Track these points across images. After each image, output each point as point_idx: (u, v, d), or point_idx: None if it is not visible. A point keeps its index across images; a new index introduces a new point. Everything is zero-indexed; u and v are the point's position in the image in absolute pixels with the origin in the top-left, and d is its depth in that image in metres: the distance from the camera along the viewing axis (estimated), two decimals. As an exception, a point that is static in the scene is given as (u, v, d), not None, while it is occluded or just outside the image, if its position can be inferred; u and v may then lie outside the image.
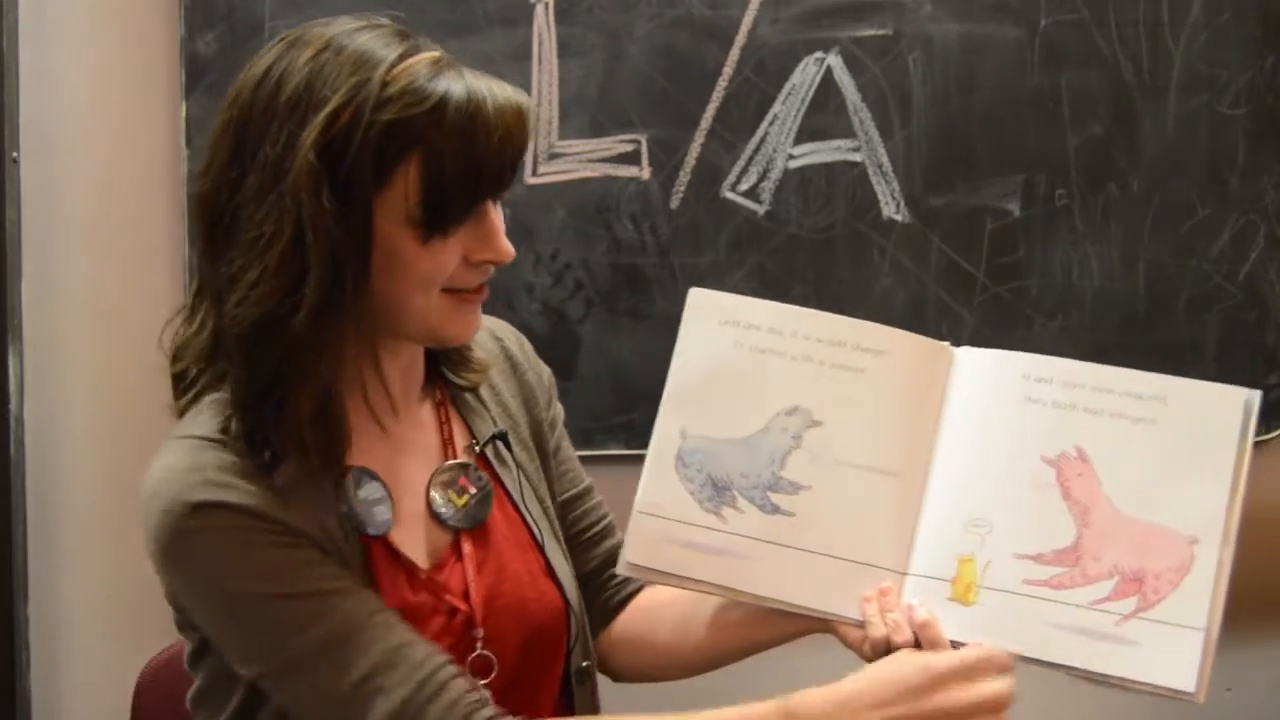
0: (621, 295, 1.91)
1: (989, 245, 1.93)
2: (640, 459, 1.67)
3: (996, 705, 1.08)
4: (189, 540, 1.07)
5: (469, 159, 1.05)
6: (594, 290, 1.91)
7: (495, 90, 1.07)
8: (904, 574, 1.17)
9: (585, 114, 1.89)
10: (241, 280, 1.05)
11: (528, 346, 1.37)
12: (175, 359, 1.15)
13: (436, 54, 1.09)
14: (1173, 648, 1.10)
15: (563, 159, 1.90)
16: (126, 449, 1.90)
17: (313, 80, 1.05)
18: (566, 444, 1.38)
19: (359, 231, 1.05)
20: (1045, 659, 1.13)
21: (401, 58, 1.06)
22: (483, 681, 1.15)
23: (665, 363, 1.92)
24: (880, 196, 1.92)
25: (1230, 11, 1.92)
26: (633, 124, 1.89)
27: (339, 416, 1.11)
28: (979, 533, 1.17)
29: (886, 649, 1.13)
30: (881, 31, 1.90)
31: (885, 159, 1.91)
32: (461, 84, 1.06)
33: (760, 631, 1.23)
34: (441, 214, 1.07)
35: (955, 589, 1.16)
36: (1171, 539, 1.13)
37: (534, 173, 1.89)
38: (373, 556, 1.14)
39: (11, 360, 1.86)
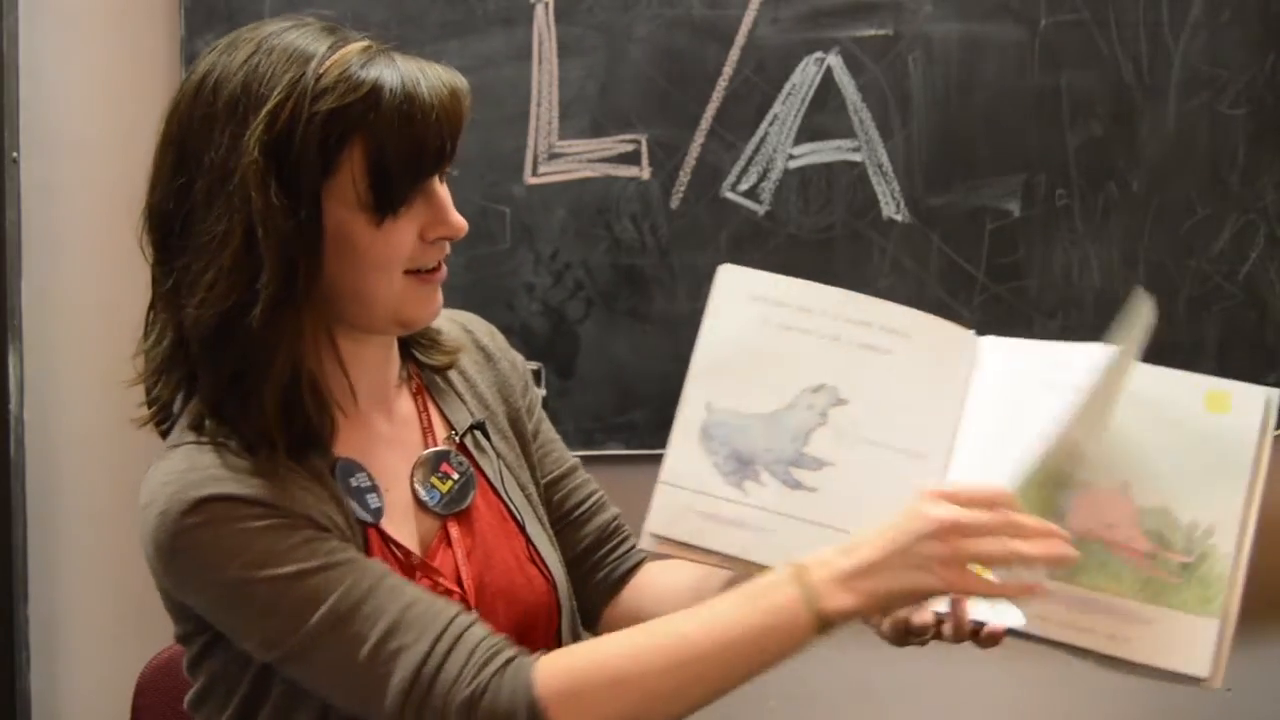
0: (621, 295, 1.91)
1: (989, 245, 1.93)
2: (640, 459, 1.68)
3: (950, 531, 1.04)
4: (190, 535, 1.07)
5: (409, 139, 1.08)
6: (594, 290, 1.91)
7: (427, 72, 1.11)
8: None
9: (585, 114, 1.89)
10: (199, 283, 1.08)
11: (499, 337, 1.38)
12: (145, 374, 1.16)
13: (365, 43, 1.11)
14: (1188, 629, 1.13)
15: (563, 159, 1.90)
16: (126, 449, 1.90)
17: (249, 81, 1.08)
18: (547, 426, 1.39)
19: (309, 223, 1.08)
20: (1053, 639, 1.14)
21: (332, 49, 1.09)
22: None
23: (665, 363, 1.93)
24: (880, 196, 1.92)
25: (1230, 11, 1.92)
26: (633, 124, 1.90)
27: (313, 407, 1.13)
28: None
29: (905, 627, 1.15)
30: (881, 31, 1.90)
31: (885, 159, 1.91)
32: (393, 69, 1.09)
33: None
34: (389, 195, 1.10)
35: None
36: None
37: (534, 173, 1.89)
38: (369, 544, 1.15)
39: (11, 360, 1.86)
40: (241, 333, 1.07)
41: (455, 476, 1.23)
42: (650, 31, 1.89)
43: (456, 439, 1.27)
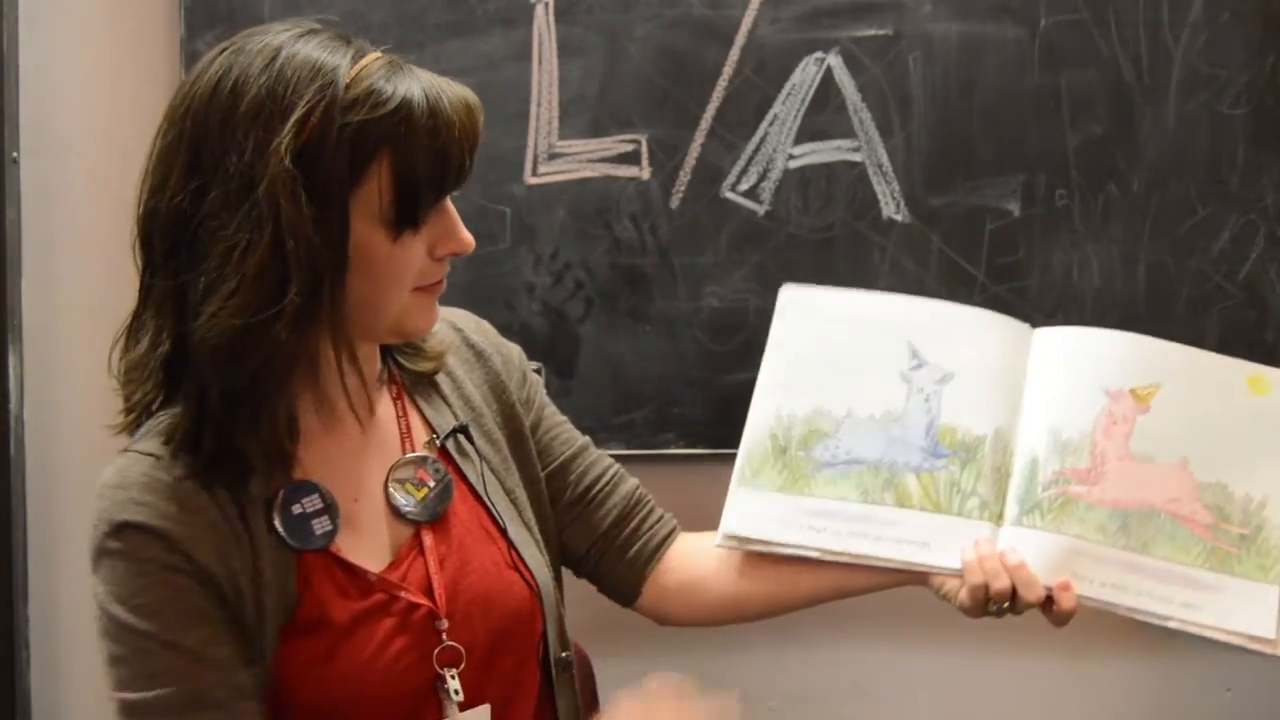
0: (621, 295, 1.91)
1: (989, 245, 1.92)
2: (641, 459, 1.67)
3: None
4: (106, 559, 1.11)
5: (436, 154, 1.09)
6: (594, 290, 1.91)
7: (444, 87, 1.11)
8: (998, 524, 1.26)
9: (585, 114, 1.89)
10: (217, 291, 1.06)
11: (490, 330, 1.37)
12: (126, 381, 1.16)
13: (386, 56, 1.11)
14: (1252, 595, 1.22)
15: (563, 159, 1.90)
16: (126, 449, 1.90)
17: (274, 87, 1.06)
18: (551, 411, 1.38)
19: (337, 235, 1.07)
20: (1134, 606, 1.23)
21: (353, 60, 1.09)
22: (452, 672, 1.17)
23: (665, 363, 1.92)
24: (880, 196, 1.92)
25: (1230, 11, 1.92)
26: (633, 124, 1.90)
27: (315, 422, 1.15)
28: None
29: (984, 595, 1.21)
30: (881, 31, 1.90)
31: (885, 159, 1.91)
32: (417, 84, 1.09)
33: (853, 580, 1.29)
34: (413, 210, 1.10)
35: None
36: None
37: (534, 173, 1.89)
38: (310, 572, 1.15)
39: (11, 360, 1.86)
40: (261, 344, 1.05)
41: (431, 484, 1.22)
42: (650, 31, 1.89)
43: (437, 444, 1.26)
